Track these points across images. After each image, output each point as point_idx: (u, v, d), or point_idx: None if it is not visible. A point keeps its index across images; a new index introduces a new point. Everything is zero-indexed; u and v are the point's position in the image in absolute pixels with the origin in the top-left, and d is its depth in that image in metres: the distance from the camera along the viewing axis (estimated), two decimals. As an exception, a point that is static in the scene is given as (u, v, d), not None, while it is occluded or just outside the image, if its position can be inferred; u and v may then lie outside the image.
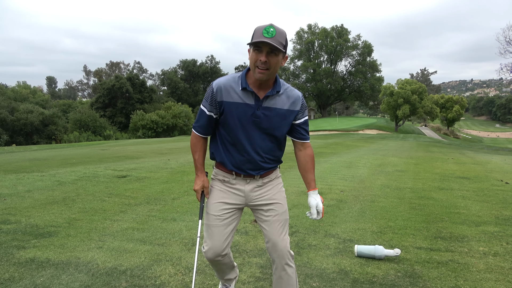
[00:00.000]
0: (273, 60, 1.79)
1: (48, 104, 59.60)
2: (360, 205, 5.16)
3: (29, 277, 2.76)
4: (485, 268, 2.99)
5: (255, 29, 1.80)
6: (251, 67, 1.83)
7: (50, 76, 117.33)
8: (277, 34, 1.75)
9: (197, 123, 2.03)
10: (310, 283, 2.72)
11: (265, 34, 1.73)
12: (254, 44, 1.77)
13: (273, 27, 1.75)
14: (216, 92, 1.90)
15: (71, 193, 5.83)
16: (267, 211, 2.06)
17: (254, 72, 1.81)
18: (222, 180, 2.07)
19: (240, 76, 1.91)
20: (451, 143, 27.66)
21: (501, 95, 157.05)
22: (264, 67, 1.78)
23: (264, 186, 2.06)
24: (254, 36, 1.77)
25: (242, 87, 1.88)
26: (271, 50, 1.77)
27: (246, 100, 1.89)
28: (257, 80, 1.84)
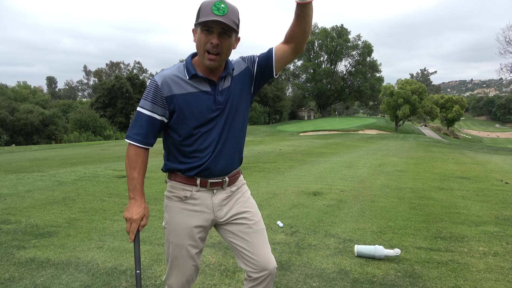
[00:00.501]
0: (226, 43, 1.50)
1: (48, 104, 59.61)
2: (360, 205, 5.16)
3: (29, 277, 2.76)
4: (485, 268, 3.00)
5: (202, 5, 1.49)
6: (199, 51, 1.53)
7: (50, 76, 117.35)
8: (229, 11, 1.47)
9: (133, 130, 1.57)
10: (310, 283, 2.72)
11: (215, 11, 1.44)
12: (202, 24, 1.47)
13: (223, 2, 1.46)
14: (162, 86, 1.53)
15: (71, 193, 5.83)
16: (243, 224, 1.70)
17: (203, 58, 1.51)
18: (181, 197, 1.65)
19: (185, 64, 1.60)
20: (451, 143, 27.67)
21: (501, 95, 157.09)
22: (215, 51, 1.49)
23: (233, 195, 1.73)
24: (201, 13, 1.47)
25: (191, 75, 1.55)
26: (224, 31, 1.48)
27: (201, 87, 1.57)
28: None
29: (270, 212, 4.69)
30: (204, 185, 1.64)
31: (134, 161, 1.57)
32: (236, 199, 1.73)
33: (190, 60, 1.61)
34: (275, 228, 4.05)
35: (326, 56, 79.03)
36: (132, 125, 1.58)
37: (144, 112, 1.55)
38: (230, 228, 1.71)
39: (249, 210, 1.75)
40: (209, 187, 1.64)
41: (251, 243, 1.67)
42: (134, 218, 1.55)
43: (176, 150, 1.63)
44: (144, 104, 1.55)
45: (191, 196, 1.64)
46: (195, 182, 1.63)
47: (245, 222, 1.70)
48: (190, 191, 1.64)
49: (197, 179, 1.62)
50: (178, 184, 1.65)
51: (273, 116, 64.63)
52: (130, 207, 1.56)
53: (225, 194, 1.69)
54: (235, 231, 1.70)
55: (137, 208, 1.56)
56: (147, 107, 1.55)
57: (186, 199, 1.65)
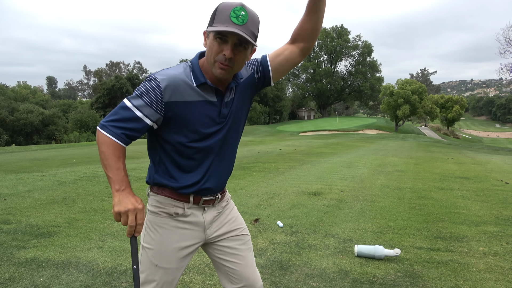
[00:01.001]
0: (241, 56, 1.33)
1: (48, 104, 59.64)
2: (360, 205, 5.16)
3: (29, 277, 2.76)
4: (485, 268, 3.00)
5: (219, 7, 1.30)
6: (209, 59, 1.33)
7: (50, 76, 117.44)
8: (249, 20, 1.28)
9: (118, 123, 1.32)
10: (310, 283, 2.72)
11: (233, 19, 1.25)
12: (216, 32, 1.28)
13: (244, 9, 1.28)
14: (165, 89, 1.32)
15: (71, 193, 5.83)
16: (234, 241, 1.57)
17: (213, 66, 1.33)
18: (172, 213, 1.46)
19: (191, 66, 1.40)
20: (451, 143, 27.67)
21: (501, 95, 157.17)
22: (227, 64, 1.31)
23: (223, 211, 1.59)
24: (216, 17, 1.28)
25: (199, 83, 1.36)
26: (240, 42, 1.29)
27: (208, 96, 1.39)
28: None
29: (270, 212, 4.69)
30: (196, 202, 1.48)
31: (117, 149, 1.31)
32: (226, 215, 1.60)
33: (198, 63, 1.41)
34: (275, 228, 4.05)
35: (326, 56, 79.07)
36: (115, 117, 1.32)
37: (135, 112, 1.31)
38: (220, 246, 1.56)
39: (240, 227, 1.61)
40: (201, 205, 1.49)
41: (242, 263, 1.55)
42: (130, 208, 1.28)
43: (169, 162, 1.43)
44: (138, 104, 1.32)
45: (183, 213, 1.47)
46: (188, 199, 1.46)
47: (236, 239, 1.58)
48: (182, 208, 1.46)
49: (191, 196, 1.46)
50: (167, 199, 1.45)
51: (273, 116, 64.65)
52: (121, 199, 1.29)
53: (216, 211, 1.55)
54: (225, 250, 1.55)
55: (131, 198, 1.30)
56: (141, 109, 1.32)
57: (177, 215, 1.46)
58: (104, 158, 1.31)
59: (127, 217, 1.29)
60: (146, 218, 1.48)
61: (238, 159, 10.72)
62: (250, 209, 4.84)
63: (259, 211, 4.74)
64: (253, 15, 1.31)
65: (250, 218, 4.40)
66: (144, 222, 1.34)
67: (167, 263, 1.45)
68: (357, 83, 77.51)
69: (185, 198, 1.45)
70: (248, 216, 4.50)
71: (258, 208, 4.90)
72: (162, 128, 1.40)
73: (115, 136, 1.31)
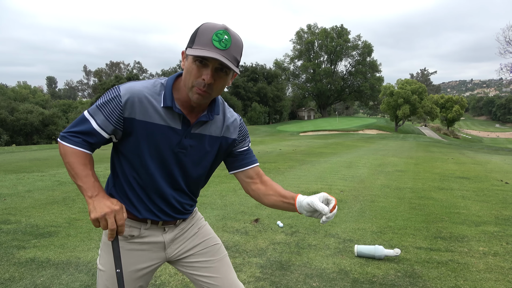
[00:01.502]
0: (221, 82, 1.24)
1: (48, 104, 59.60)
2: (360, 205, 5.16)
3: (30, 277, 2.76)
4: (485, 268, 3.00)
5: (200, 28, 1.20)
6: (186, 82, 1.23)
7: (50, 76, 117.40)
8: (232, 44, 1.20)
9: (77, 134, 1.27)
10: (310, 283, 2.72)
11: (215, 43, 1.17)
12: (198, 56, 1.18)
13: (228, 32, 1.19)
14: (125, 104, 1.24)
15: (71, 193, 5.83)
16: (203, 254, 1.47)
17: (190, 90, 1.23)
18: (126, 236, 1.37)
19: (164, 86, 1.30)
20: (451, 143, 27.67)
21: (501, 95, 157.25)
22: (205, 90, 1.22)
23: (187, 228, 1.48)
24: (197, 40, 1.19)
25: (165, 105, 1.26)
26: (221, 68, 1.21)
27: (170, 122, 1.28)
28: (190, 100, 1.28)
29: (270, 212, 4.69)
30: (155, 223, 1.38)
31: (82, 157, 1.25)
32: (191, 229, 1.49)
33: (171, 84, 1.30)
34: (275, 228, 4.05)
35: (326, 56, 79.09)
36: (74, 128, 1.27)
37: (91, 124, 1.25)
38: (189, 262, 1.46)
39: (206, 238, 1.50)
40: (160, 225, 1.39)
41: (217, 276, 1.45)
42: (107, 211, 1.19)
43: (125, 180, 1.35)
44: (95, 114, 1.25)
45: (139, 235, 1.37)
46: (145, 221, 1.37)
47: (205, 253, 1.47)
48: (138, 229, 1.37)
49: (147, 220, 1.37)
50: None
51: (273, 116, 64.63)
52: (96, 205, 1.19)
53: (179, 229, 1.45)
54: (196, 265, 1.46)
55: (106, 201, 1.21)
56: (98, 120, 1.25)
57: (132, 238, 1.37)
58: (70, 168, 1.25)
59: (106, 221, 1.20)
60: (102, 239, 1.41)
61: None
62: (250, 209, 4.84)
63: (259, 211, 4.74)
64: (236, 39, 1.22)
65: (250, 218, 4.41)
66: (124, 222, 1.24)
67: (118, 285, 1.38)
68: (357, 83, 77.53)
69: (141, 220, 1.36)
70: (248, 216, 4.50)
71: (258, 208, 4.90)
72: (121, 142, 1.32)
73: (76, 145, 1.25)
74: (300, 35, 78.36)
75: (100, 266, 1.39)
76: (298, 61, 79.22)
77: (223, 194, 5.73)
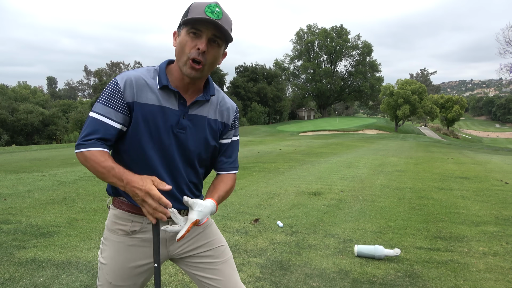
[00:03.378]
0: (214, 53, 1.27)
1: (48, 104, 59.59)
2: (360, 205, 5.17)
3: (30, 277, 2.76)
4: (485, 268, 3.00)
5: (192, 4, 1.25)
6: (180, 57, 1.27)
7: (50, 76, 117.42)
8: (223, 17, 1.25)
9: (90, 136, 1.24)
10: (310, 283, 2.72)
11: (208, 14, 1.21)
12: (191, 23, 1.22)
13: (219, 6, 1.25)
14: (124, 89, 1.26)
15: (71, 193, 5.83)
16: (208, 256, 1.44)
17: (184, 64, 1.26)
18: (128, 231, 1.35)
19: (158, 69, 1.34)
20: (451, 143, 27.67)
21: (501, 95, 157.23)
22: (200, 60, 1.24)
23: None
24: (190, 14, 1.23)
25: (161, 85, 1.29)
26: (214, 38, 1.25)
27: (166, 103, 1.30)
28: (184, 77, 1.30)
29: (270, 212, 4.69)
30: None
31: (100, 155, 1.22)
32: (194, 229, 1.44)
33: (165, 68, 1.34)
34: (275, 228, 4.05)
35: (326, 56, 79.08)
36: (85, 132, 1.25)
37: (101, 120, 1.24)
38: (192, 262, 1.44)
39: (211, 239, 1.47)
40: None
41: (220, 279, 1.42)
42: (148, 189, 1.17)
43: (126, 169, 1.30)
44: (102, 111, 1.25)
45: (141, 229, 1.35)
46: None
47: (209, 255, 1.45)
48: (140, 223, 1.35)
49: None
50: (125, 214, 1.35)
51: (273, 116, 64.64)
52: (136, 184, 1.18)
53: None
54: (200, 266, 1.43)
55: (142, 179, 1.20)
56: (106, 114, 1.25)
57: (134, 233, 1.35)
58: (95, 171, 1.23)
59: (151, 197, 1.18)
60: (104, 233, 1.41)
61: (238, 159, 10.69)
62: (250, 209, 4.84)
63: (259, 211, 4.74)
64: (227, 15, 1.27)
65: (250, 218, 4.41)
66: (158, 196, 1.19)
67: (122, 281, 1.36)
68: (357, 83, 77.52)
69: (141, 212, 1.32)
70: (248, 216, 4.51)
71: (258, 208, 4.90)
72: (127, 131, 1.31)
73: (91, 146, 1.23)
74: (300, 35, 78.37)
75: (102, 260, 1.38)
76: (298, 61, 79.24)
77: (223, 194, 5.73)
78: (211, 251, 1.45)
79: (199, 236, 1.46)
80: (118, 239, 1.36)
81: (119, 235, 1.36)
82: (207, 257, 1.44)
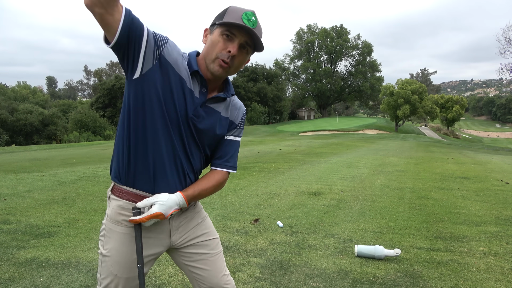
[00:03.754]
0: (241, 58, 1.32)
1: (48, 104, 59.60)
2: (360, 205, 5.16)
3: (29, 277, 2.76)
4: (485, 268, 2.99)
5: (230, 8, 1.29)
6: (209, 54, 1.29)
7: (50, 76, 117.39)
8: (258, 26, 1.30)
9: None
10: (310, 283, 2.72)
11: (245, 21, 1.25)
12: (227, 26, 1.26)
13: (255, 15, 1.29)
14: (167, 45, 1.27)
15: (71, 193, 5.83)
16: (203, 246, 1.48)
17: (212, 62, 1.29)
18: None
19: (189, 55, 1.36)
20: (451, 143, 27.67)
21: (501, 95, 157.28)
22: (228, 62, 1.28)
23: (191, 216, 1.48)
24: (227, 16, 1.26)
25: (192, 70, 1.31)
26: (245, 44, 1.29)
27: (193, 88, 1.32)
28: (208, 73, 1.32)
29: (270, 212, 4.69)
30: None
31: None
32: (191, 218, 1.48)
33: (195, 56, 1.36)
34: (275, 228, 4.04)
35: (326, 56, 79.08)
36: None
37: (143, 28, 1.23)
38: (188, 252, 1.47)
39: (207, 231, 1.51)
40: None
41: (210, 269, 1.47)
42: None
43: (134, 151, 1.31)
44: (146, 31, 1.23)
45: None
46: None
47: (205, 245, 1.49)
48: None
49: None
50: (130, 204, 1.33)
51: (273, 116, 64.62)
52: None
53: (183, 217, 1.44)
54: (194, 256, 1.47)
55: None
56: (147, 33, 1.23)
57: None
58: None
59: None
60: (105, 224, 1.38)
61: (238, 159, 10.68)
62: (250, 209, 4.84)
63: (259, 211, 4.74)
64: (260, 25, 1.33)
65: (250, 218, 4.40)
66: None
67: (127, 273, 1.35)
68: (357, 83, 77.53)
69: None
70: (248, 216, 4.50)
71: (258, 208, 4.90)
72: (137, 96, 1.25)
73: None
74: (300, 35, 78.37)
75: (105, 252, 1.35)
76: (298, 61, 79.24)
77: (223, 194, 5.73)
78: (207, 241, 1.50)
79: (198, 226, 1.50)
80: (123, 230, 1.34)
81: (124, 226, 1.34)
82: (204, 247, 1.48)
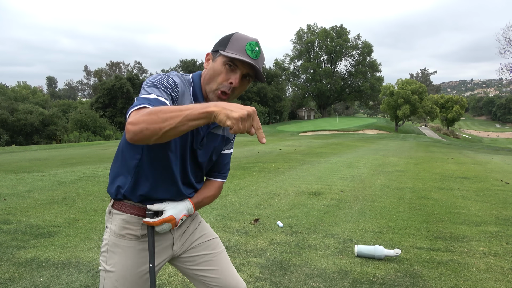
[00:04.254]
0: (243, 87, 1.30)
1: (48, 104, 59.57)
2: (360, 205, 5.16)
3: (29, 277, 2.76)
4: (485, 268, 2.99)
5: (234, 36, 1.26)
6: (210, 83, 1.28)
7: (50, 76, 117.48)
8: (260, 57, 1.28)
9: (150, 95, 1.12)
10: (310, 283, 2.72)
11: (248, 52, 1.23)
12: (230, 59, 1.23)
13: (259, 45, 1.27)
14: (178, 86, 1.25)
15: (71, 193, 5.83)
16: (204, 248, 1.48)
17: (212, 92, 1.28)
18: (139, 235, 1.34)
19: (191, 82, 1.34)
20: (451, 143, 27.67)
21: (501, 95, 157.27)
22: (228, 94, 1.27)
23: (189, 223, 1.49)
24: (231, 45, 1.24)
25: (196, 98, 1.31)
26: (246, 75, 1.27)
27: None
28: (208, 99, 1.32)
29: (270, 212, 4.69)
30: None
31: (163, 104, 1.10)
32: (189, 224, 1.49)
33: (199, 83, 1.33)
34: (275, 228, 4.04)
35: (326, 56, 79.07)
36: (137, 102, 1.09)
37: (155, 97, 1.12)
38: (190, 257, 1.46)
39: (205, 232, 1.52)
40: None
41: (217, 268, 1.46)
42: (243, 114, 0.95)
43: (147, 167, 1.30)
44: (155, 91, 1.14)
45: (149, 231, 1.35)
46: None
47: (205, 246, 1.49)
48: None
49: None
50: (134, 217, 1.33)
51: (273, 116, 64.61)
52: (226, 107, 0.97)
53: (186, 224, 1.47)
54: (196, 259, 1.46)
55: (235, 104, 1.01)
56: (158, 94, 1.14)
57: (144, 237, 1.34)
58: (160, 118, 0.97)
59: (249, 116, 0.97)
60: (108, 239, 1.35)
61: (238, 159, 10.72)
62: (250, 209, 4.84)
63: (259, 211, 4.74)
64: (263, 54, 1.31)
65: (250, 218, 4.40)
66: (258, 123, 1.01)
67: (132, 287, 1.34)
68: (357, 83, 77.53)
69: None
70: (248, 216, 4.50)
71: (258, 208, 4.90)
72: None
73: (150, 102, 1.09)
74: (300, 35, 78.36)
75: (109, 267, 1.33)
76: (298, 61, 79.22)
77: (223, 194, 5.73)
78: (206, 242, 1.50)
79: (196, 230, 1.51)
80: (129, 244, 1.33)
81: (129, 240, 1.33)
82: (204, 249, 1.49)
